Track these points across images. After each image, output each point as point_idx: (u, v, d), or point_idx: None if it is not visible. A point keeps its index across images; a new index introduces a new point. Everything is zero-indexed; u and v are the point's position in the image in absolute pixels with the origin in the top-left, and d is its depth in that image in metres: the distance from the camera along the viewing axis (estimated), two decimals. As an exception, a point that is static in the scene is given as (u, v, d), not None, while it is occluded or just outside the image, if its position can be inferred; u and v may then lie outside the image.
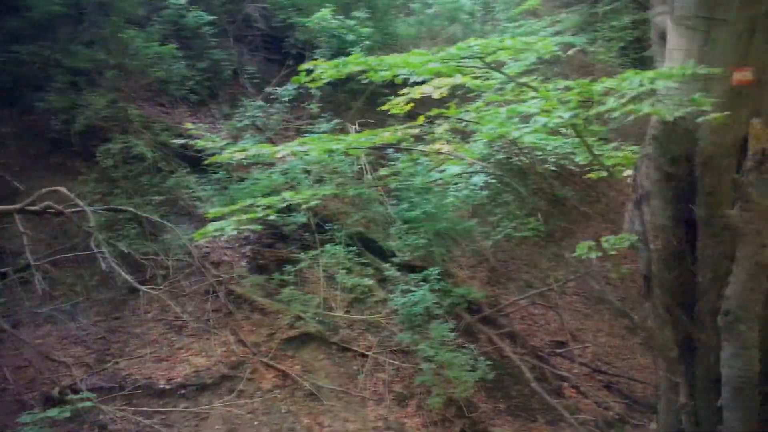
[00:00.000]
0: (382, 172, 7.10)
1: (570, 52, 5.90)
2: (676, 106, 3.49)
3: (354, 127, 9.26)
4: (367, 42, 9.55)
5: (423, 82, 4.10)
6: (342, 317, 7.87)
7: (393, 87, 4.46)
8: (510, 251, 9.89)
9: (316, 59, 10.26)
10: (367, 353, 7.65)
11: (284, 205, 4.30)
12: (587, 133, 4.18)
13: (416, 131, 3.87)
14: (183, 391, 6.73)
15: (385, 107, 4.30)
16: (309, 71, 3.65)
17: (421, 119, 3.46)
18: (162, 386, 6.70)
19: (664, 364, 4.87)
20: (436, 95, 3.68)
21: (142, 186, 8.08)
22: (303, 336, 7.53)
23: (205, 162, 6.11)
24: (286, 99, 9.23)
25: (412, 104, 4.00)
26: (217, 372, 6.93)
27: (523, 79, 3.95)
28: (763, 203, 3.86)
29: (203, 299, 7.55)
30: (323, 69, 3.58)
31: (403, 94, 4.00)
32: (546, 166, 8.11)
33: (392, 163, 8.58)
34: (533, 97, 3.33)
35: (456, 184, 7.84)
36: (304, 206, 4.37)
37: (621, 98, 3.20)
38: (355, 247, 8.35)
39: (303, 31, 9.78)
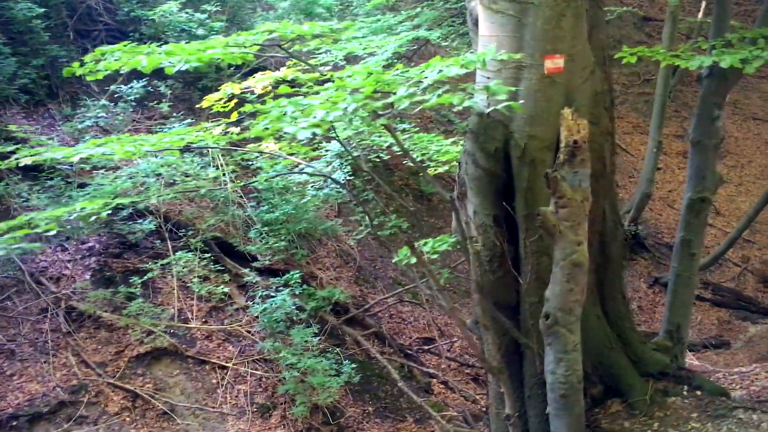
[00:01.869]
0: (211, 173, 6.61)
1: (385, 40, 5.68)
2: (468, 96, 3.21)
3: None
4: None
5: (254, 72, 3.80)
6: (199, 328, 7.41)
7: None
8: (377, 249, 9.76)
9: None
10: (226, 365, 7.25)
11: (73, 216, 3.81)
12: (372, 125, 3.86)
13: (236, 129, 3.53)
14: (14, 423, 6.05)
15: (203, 105, 3.96)
16: (82, 63, 3.23)
17: (234, 116, 3.13)
18: (-11, 420, 5.99)
19: (490, 373, 4.62)
20: (258, 90, 3.37)
21: (-37, 196, 7.23)
22: (155, 351, 7.01)
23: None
24: (132, 98, 8.58)
25: (235, 100, 3.67)
26: (55, 398, 6.30)
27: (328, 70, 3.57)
28: (577, 199, 3.57)
29: (39, 319, 6.84)
30: (94, 59, 3.15)
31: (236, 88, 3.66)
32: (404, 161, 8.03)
33: (250, 163, 8.21)
34: (328, 88, 3.09)
35: (315, 182, 7.58)
36: (94, 216, 3.83)
37: (414, 86, 3.01)
38: (211, 253, 7.89)
39: (150, 25, 9.16)
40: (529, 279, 4.29)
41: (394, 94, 2.92)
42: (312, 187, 7.90)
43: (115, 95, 8.76)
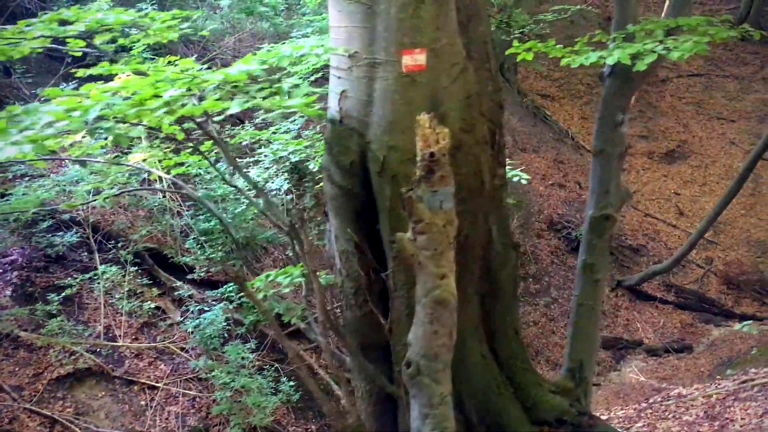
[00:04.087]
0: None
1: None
2: (249, 98, 2.70)
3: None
4: (159, 36, 8.60)
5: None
6: (128, 346, 6.96)
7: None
8: (326, 257, 9.35)
9: (100, 57, 9.22)
10: (157, 385, 6.80)
11: None
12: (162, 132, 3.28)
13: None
14: None
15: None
16: None
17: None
18: None
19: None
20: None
21: None
22: (78, 373, 6.55)
23: None
24: (61, 101, 8.09)
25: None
26: (-38, 427, 5.82)
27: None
28: (438, 223, 2.86)
29: (-51, 340, 6.36)
30: None
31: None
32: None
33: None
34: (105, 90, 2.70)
35: (250, 189, 7.15)
36: None
37: (186, 86, 2.60)
38: (144, 265, 7.44)
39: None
40: (398, 316, 3.63)
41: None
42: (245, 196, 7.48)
43: (43, 99, 8.26)
